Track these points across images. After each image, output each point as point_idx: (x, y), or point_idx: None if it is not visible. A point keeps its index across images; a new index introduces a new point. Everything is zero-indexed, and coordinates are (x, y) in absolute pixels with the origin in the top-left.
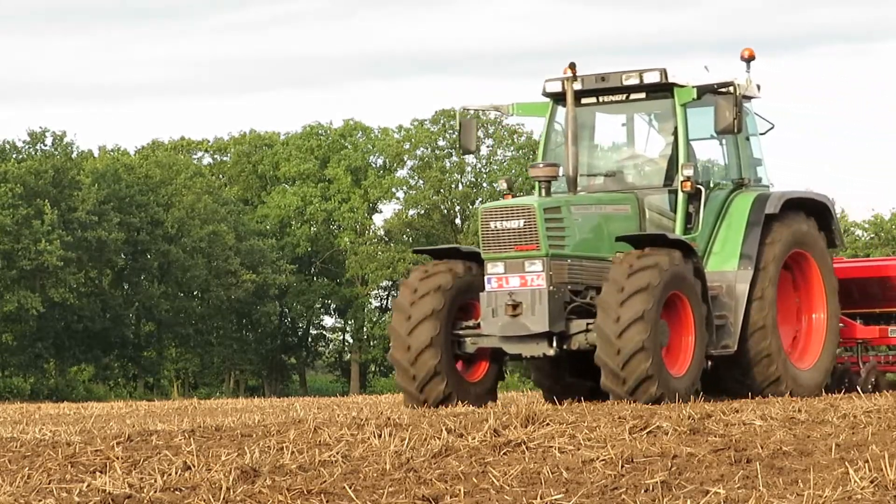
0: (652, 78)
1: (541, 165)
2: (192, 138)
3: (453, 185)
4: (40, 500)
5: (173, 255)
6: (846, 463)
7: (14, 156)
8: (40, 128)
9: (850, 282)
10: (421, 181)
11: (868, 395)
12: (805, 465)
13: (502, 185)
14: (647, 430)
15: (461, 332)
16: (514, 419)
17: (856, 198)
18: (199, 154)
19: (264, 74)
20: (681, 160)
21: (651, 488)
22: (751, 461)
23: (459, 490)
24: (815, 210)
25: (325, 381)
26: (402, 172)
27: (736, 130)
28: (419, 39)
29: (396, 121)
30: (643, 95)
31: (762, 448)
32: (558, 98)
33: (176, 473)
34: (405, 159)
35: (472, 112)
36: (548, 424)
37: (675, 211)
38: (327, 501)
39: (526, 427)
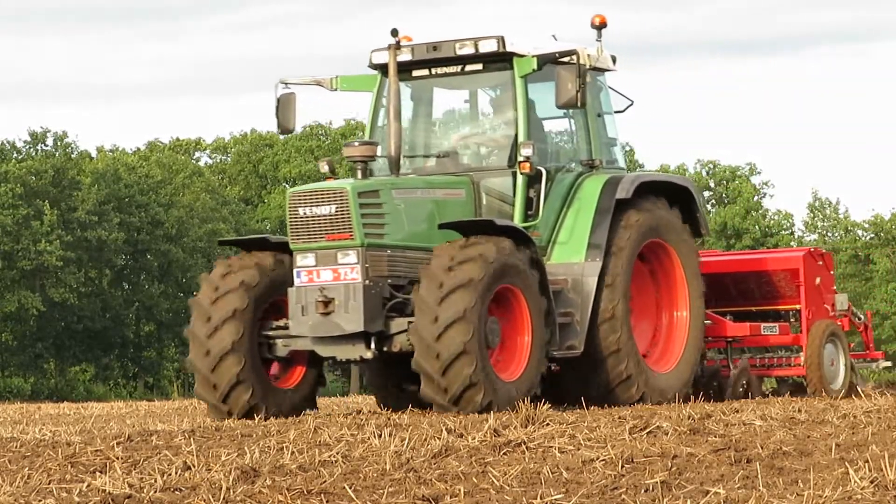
0: (488, 47)
1: (356, 144)
2: (191, 138)
3: None
4: (40, 500)
5: (173, 255)
6: (846, 463)
7: (14, 156)
8: (41, 128)
9: (726, 276)
10: None
11: (868, 396)
12: (805, 465)
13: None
14: (647, 430)
15: (271, 332)
16: (514, 419)
17: (856, 198)
18: (199, 154)
19: (264, 74)
20: (520, 138)
21: (651, 488)
22: (751, 461)
23: (459, 490)
24: (676, 196)
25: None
26: None
27: (579, 104)
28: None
29: None
30: (480, 67)
31: (762, 448)
32: (387, 70)
33: (176, 473)
34: None
35: (290, 87)
36: (548, 424)
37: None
38: (327, 501)
39: (526, 427)
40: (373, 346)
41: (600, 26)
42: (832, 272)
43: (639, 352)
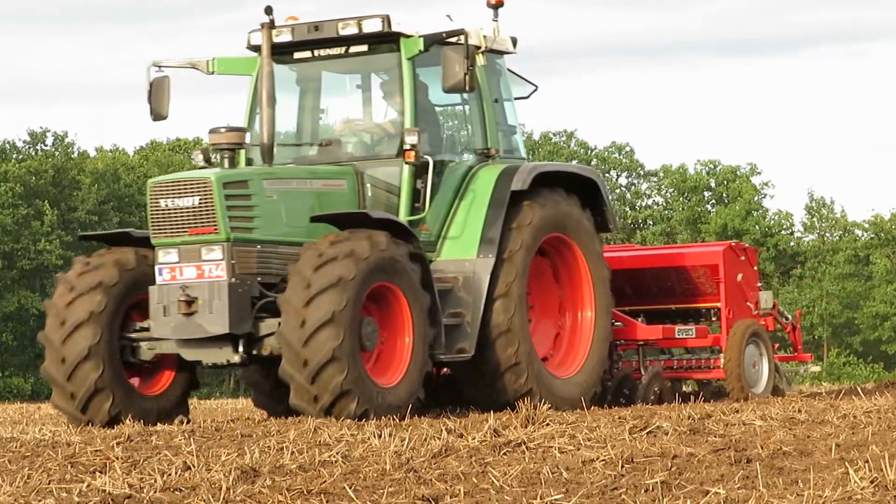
0: (373, 26)
1: (222, 130)
2: (190, 138)
3: None
4: (40, 500)
5: None
6: (846, 463)
7: (14, 156)
8: (40, 128)
9: (644, 272)
10: None
11: (868, 395)
12: (805, 465)
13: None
14: (647, 430)
15: (133, 335)
16: (514, 419)
17: (856, 198)
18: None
19: None
20: (406, 124)
21: (651, 488)
22: (751, 461)
23: (459, 490)
24: (580, 187)
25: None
26: None
27: (467, 88)
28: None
29: None
30: (366, 48)
31: (762, 448)
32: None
33: (176, 473)
34: None
35: (164, 70)
36: (548, 424)
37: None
38: (327, 501)
39: (526, 427)
40: (241, 349)
41: (496, 5)
42: (756, 267)
43: (540, 361)
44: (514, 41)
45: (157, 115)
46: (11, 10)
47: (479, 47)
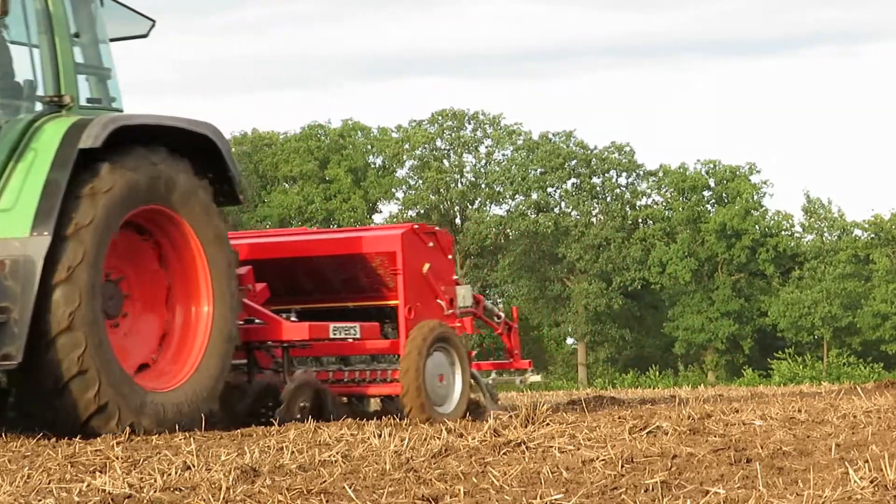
0: None
1: None
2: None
3: (452, 185)
4: (40, 500)
5: None
6: (846, 463)
7: None
8: None
9: (318, 263)
10: (420, 181)
11: (868, 395)
12: (805, 465)
13: None
14: (647, 430)
15: None
16: (514, 419)
17: (857, 198)
18: None
19: (264, 74)
20: None
21: (651, 488)
22: (751, 461)
23: (459, 490)
24: (192, 148)
25: None
26: (401, 172)
27: (1, 13)
28: (417, 40)
29: (395, 121)
30: None
31: (762, 448)
32: None
33: (176, 473)
34: (404, 159)
35: None
36: (548, 424)
37: None
38: (327, 501)
39: (526, 427)
40: None
41: None
42: (451, 256)
43: (121, 369)
44: None
45: None
46: None
47: None
